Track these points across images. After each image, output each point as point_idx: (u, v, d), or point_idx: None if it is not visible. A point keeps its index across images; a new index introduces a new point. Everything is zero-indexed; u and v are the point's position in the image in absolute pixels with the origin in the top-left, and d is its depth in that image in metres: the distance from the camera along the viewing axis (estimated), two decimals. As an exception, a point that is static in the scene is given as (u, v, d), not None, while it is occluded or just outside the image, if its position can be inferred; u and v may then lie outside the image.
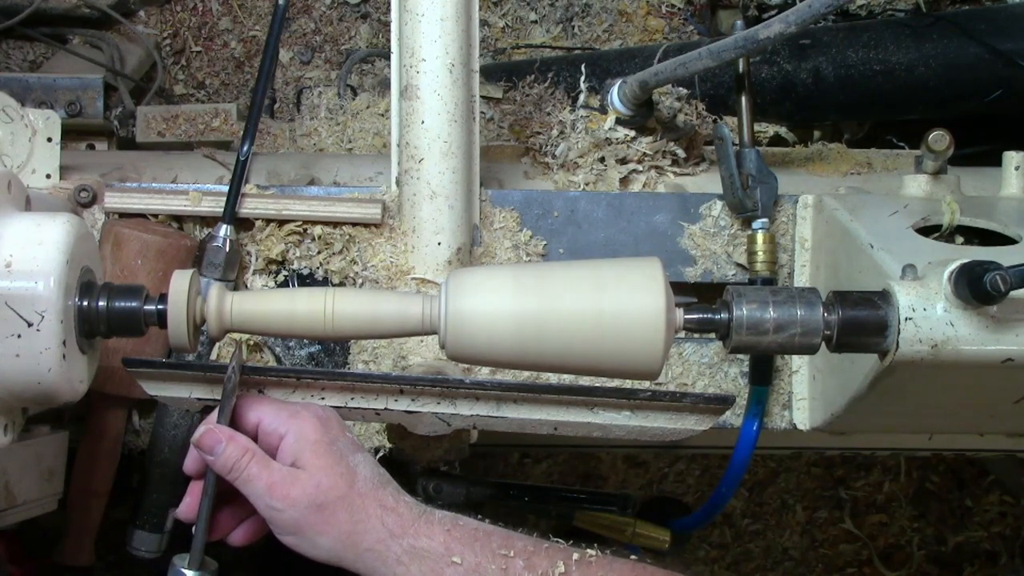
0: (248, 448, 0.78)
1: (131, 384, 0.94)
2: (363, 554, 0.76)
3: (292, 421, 0.79)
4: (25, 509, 1.07)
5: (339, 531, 0.76)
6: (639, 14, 1.89)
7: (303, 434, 0.79)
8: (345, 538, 0.76)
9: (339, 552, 0.76)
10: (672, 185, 1.18)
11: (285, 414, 0.80)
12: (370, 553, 0.76)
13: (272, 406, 0.81)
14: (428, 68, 1.00)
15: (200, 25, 1.88)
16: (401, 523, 0.76)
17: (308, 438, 0.78)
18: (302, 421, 0.79)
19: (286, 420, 0.80)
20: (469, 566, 0.75)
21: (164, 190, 1.13)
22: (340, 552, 0.76)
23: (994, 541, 2.08)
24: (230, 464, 0.77)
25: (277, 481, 0.77)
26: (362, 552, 0.76)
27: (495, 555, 0.75)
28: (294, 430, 0.79)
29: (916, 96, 1.39)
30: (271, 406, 0.81)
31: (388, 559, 0.76)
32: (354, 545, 0.76)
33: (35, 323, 0.73)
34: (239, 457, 0.77)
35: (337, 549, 0.76)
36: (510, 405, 0.94)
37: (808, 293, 0.81)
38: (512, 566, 0.75)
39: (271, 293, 0.82)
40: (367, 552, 0.76)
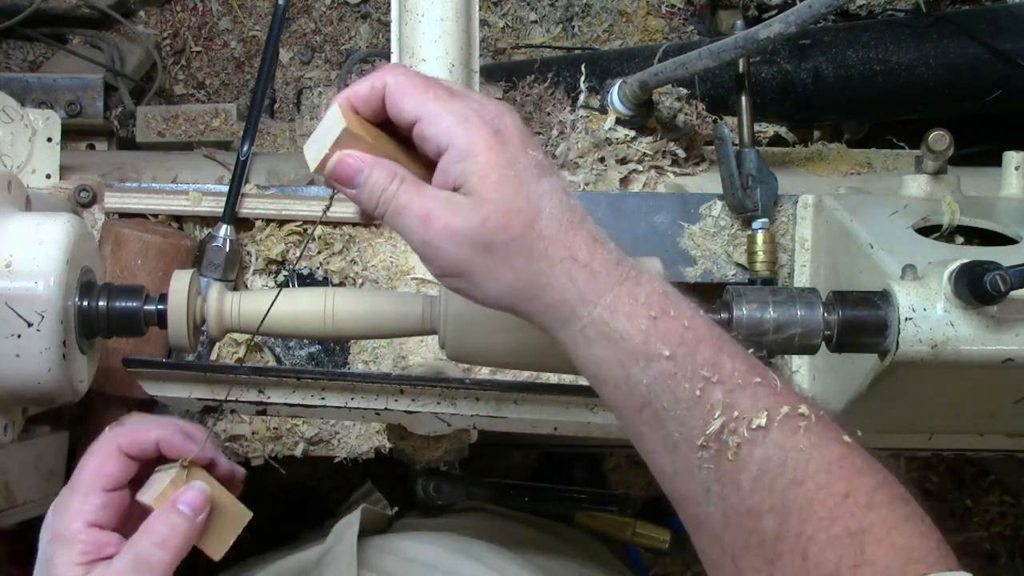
0: (396, 172, 0.61)
1: (131, 384, 0.94)
2: (542, 310, 0.60)
3: (458, 130, 0.59)
4: (25, 509, 1.07)
5: (513, 278, 0.60)
6: (639, 14, 1.89)
7: (471, 150, 0.59)
8: (521, 288, 0.60)
9: (512, 302, 0.61)
10: (672, 185, 1.18)
11: (450, 120, 0.60)
12: (550, 311, 0.60)
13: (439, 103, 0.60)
14: (428, 68, 1.00)
15: (200, 25, 1.88)
16: (596, 286, 0.58)
17: (477, 157, 0.59)
18: (471, 131, 0.59)
19: (449, 128, 0.60)
20: (660, 373, 0.57)
21: (164, 190, 1.13)
22: (513, 302, 0.61)
23: (994, 541, 2.08)
24: (377, 193, 0.61)
25: (434, 210, 0.59)
26: (541, 308, 0.60)
27: (695, 373, 0.57)
28: (459, 144, 0.59)
29: (916, 96, 1.39)
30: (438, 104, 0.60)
31: (570, 325, 0.60)
32: (532, 298, 0.60)
33: (35, 323, 0.73)
34: (387, 183, 0.61)
35: (509, 299, 0.61)
36: (510, 405, 0.94)
37: (808, 293, 0.81)
38: (709, 394, 0.57)
39: (271, 293, 0.82)
40: (547, 309, 0.60)
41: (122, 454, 0.71)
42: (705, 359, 0.57)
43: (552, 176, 0.61)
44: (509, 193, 0.59)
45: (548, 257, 0.59)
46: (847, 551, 0.53)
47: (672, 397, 0.57)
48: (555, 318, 0.60)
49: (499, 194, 0.59)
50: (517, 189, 0.59)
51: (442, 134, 0.60)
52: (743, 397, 0.57)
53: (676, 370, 0.57)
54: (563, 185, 0.62)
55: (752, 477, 0.56)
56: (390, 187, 0.61)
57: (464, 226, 0.59)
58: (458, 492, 1.26)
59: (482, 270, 0.60)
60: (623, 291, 0.59)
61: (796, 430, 0.56)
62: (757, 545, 0.55)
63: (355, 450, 1.17)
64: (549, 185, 0.60)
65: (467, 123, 0.60)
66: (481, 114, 0.61)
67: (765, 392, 0.57)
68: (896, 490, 0.56)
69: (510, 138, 0.61)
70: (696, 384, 0.57)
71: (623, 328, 0.58)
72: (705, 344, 0.58)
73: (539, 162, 0.61)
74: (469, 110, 0.60)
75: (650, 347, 0.58)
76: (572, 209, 0.61)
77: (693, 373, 0.57)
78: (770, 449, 0.56)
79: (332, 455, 1.18)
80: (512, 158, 0.60)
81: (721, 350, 0.58)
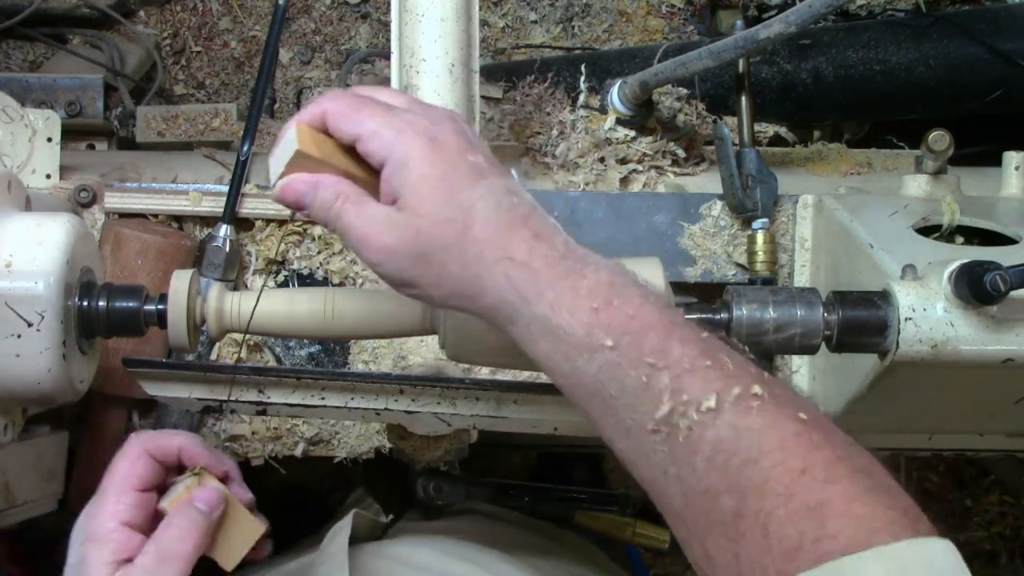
0: (340, 191, 0.64)
1: (131, 384, 0.94)
2: (488, 311, 0.62)
3: (393, 144, 0.62)
4: (25, 509, 1.07)
5: (453, 285, 0.62)
6: (639, 14, 1.89)
7: (405, 162, 0.61)
8: (463, 293, 0.62)
9: (461, 305, 0.63)
10: (672, 185, 1.18)
11: (386, 134, 0.62)
12: (495, 311, 0.61)
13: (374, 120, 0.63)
14: (428, 68, 1.00)
15: (200, 25, 1.88)
16: (535, 284, 0.59)
17: (411, 170, 0.61)
18: (405, 144, 0.62)
19: (385, 143, 0.62)
20: (606, 363, 0.58)
21: (164, 190, 1.13)
22: (462, 305, 0.63)
23: (994, 541, 2.08)
24: (323, 213, 0.64)
25: (371, 231, 0.62)
26: (486, 309, 0.62)
27: (640, 360, 0.57)
28: (394, 157, 0.62)
29: (916, 96, 1.39)
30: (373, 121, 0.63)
31: (516, 323, 0.61)
32: (476, 300, 0.61)
33: (35, 323, 0.73)
34: (332, 203, 0.63)
35: (456, 302, 0.63)
36: (510, 405, 0.94)
37: (808, 293, 0.81)
38: (656, 380, 0.57)
39: (271, 293, 0.82)
40: (492, 310, 0.61)
41: (149, 456, 0.75)
42: (652, 346, 0.58)
43: (492, 178, 0.62)
44: (440, 203, 0.61)
45: (483, 260, 0.60)
46: (807, 525, 0.53)
47: (619, 385, 0.58)
48: (501, 317, 0.61)
49: (430, 205, 0.61)
50: (449, 198, 0.61)
51: (379, 149, 0.63)
52: (692, 381, 0.57)
53: (621, 359, 0.58)
54: (506, 185, 0.63)
55: (706, 458, 0.56)
56: (334, 207, 0.64)
57: (398, 243, 0.62)
58: (458, 492, 1.26)
59: (424, 280, 0.62)
60: (566, 286, 0.59)
61: (748, 410, 0.56)
62: (719, 524, 0.56)
63: (355, 450, 1.17)
64: (486, 188, 0.62)
65: (402, 136, 0.62)
66: (415, 126, 0.63)
67: (716, 375, 0.57)
68: (858, 463, 0.55)
69: (446, 145, 0.62)
70: (642, 371, 0.57)
71: (565, 323, 0.59)
72: (652, 331, 0.58)
73: (476, 166, 0.62)
74: (404, 123, 0.63)
75: (593, 339, 0.58)
76: (514, 208, 0.61)
77: (638, 361, 0.57)
78: (722, 430, 0.56)
79: (332, 455, 1.18)
80: (447, 166, 0.62)
81: (670, 336, 0.58)
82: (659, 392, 0.57)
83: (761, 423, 0.56)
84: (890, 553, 0.51)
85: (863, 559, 0.51)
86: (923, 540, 0.52)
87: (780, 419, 0.56)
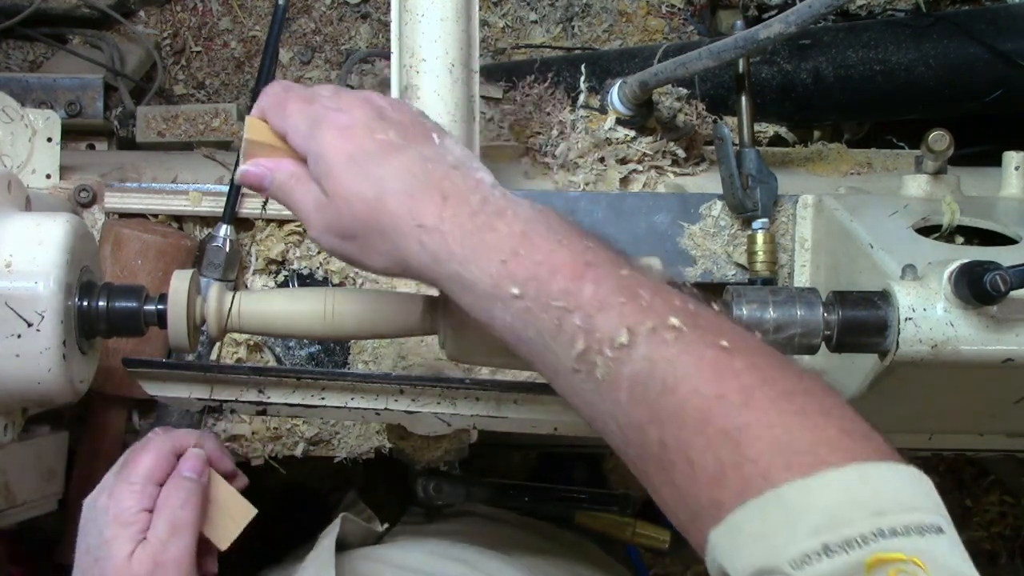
0: (293, 172, 0.68)
1: (131, 384, 0.95)
2: (418, 276, 0.65)
3: (310, 136, 0.66)
4: (25, 509, 1.07)
5: (381, 257, 0.65)
6: (639, 14, 1.89)
7: (320, 153, 0.66)
8: (393, 264, 0.65)
9: (398, 273, 0.67)
10: (672, 185, 1.18)
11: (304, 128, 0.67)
12: (421, 275, 0.65)
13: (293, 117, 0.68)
14: (428, 68, 1.00)
15: (200, 25, 1.88)
16: (446, 245, 0.62)
17: (325, 158, 0.65)
18: (319, 135, 0.66)
19: (304, 136, 0.67)
20: (518, 311, 0.60)
21: (164, 190, 1.13)
22: (399, 273, 0.67)
23: (994, 541, 2.08)
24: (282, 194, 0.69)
25: (310, 213, 0.67)
26: (415, 274, 0.65)
27: (549, 304, 0.59)
28: (312, 149, 0.66)
29: (916, 96, 1.39)
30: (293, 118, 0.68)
31: (440, 284, 0.64)
32: (405, 269, 0.65)
33: (35, 323, 0.73)
34: (286, 181, 0.68)
35: (392, 272, 0.67)
36: (510, 405, 0.94)
37: (808, 293, 0.81)
38: (566, 321, 0.58)
39: (271, 293, 0.82)
40: (418, 275, 0.65)
41: (172, 455, 0.83)
42: (560, 289, 0.59)
43: (405, 151, 0.65)
44: (351, 185, 0.64)
45: (399, 231, 0.63)
46: (725, 451, 0.53)
47: (535, 330, 0.60)
48: (428, 279, 0.65)
49: (343, 188, 0.64)
50: (359, 179, 0.64)
51: (300, 143, 0.67)
52: (603, 319, 0.57)
53: (531, 305, 0.59)
54: (420, 154, 0.65)
55: (627, 392, 0.57)
56: (285, 187, 0.68)
57: (328, 224, 0.66)
58: (458, 492, 1.26)
59: (358, 256, 0.66)
60: (475, 242, 0.61)
61: (663, 342, 0.56)
62: (652, 457, 0.56)
63: (355, 450, 1.17)
64: (397, 162, 0.64)
65: (317, 127, 0.66)
66: (328, 117, 0.66)
67: (630, 310, 0.57)
68: (783, 387, 0.54)
69: (353, 129, 0.65)
70: (553, 315, 0.59)
71: (474, 276, 0.61)
72: (560, 275, 0.59)
73: (386, 143, 0.65)
74: (319, 115, 0.67)
75: (501, 290, 0.60)
76: (427, 175, 0.64)
77: (548, 305, 0.59)
78: (638, 364, 0.56)
79: (332, 455, 1.18)
80: (355, 149, 0.65)
81: (581, 277, 0.59)
82: (573, 333, 0.58)
83: (676, 352, 0.56)
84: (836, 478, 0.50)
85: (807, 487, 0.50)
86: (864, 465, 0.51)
87: (698, 348, 0.56)
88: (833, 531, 0.48)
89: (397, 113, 0.68)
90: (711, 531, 0.52)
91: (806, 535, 0.48)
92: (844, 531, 0.48)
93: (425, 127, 0.68)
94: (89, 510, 0.82)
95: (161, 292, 0.79)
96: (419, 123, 0.68)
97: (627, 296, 0.58)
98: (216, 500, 0.85)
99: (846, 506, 0.49)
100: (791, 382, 0.55)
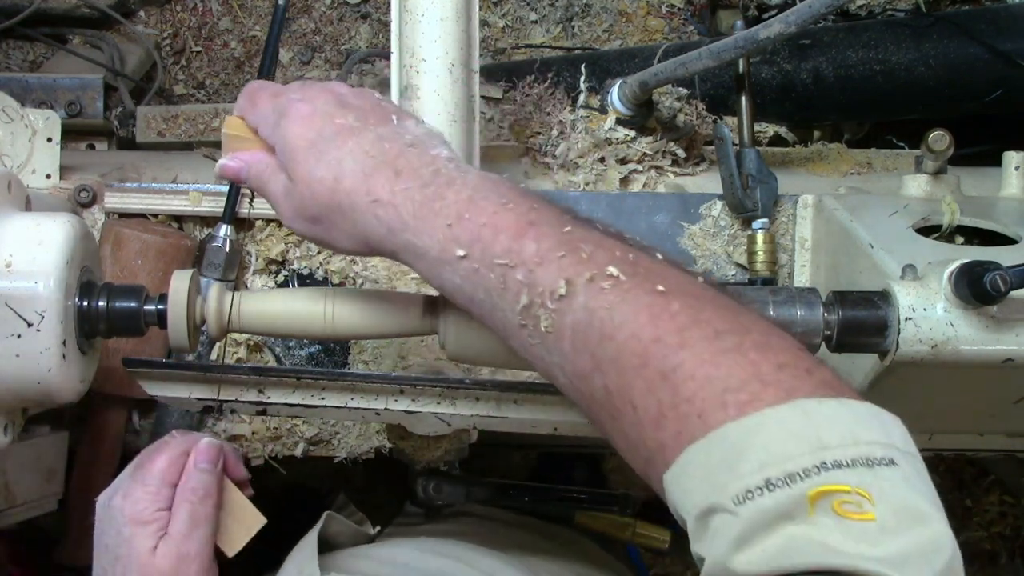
0: (269, 163, 0.72)
1: (131, 384, 0.95)
2: (379, 251, 0.68)
3: (277, 128, 0.70)
4: (25, 509, 1.07)
5: (345, 236, 0.68)
6: (639, 14, 1.89)
7: (285, 143, 0.69)
8: (356, 242, 0.68)
9: (360, 250, 0.69)
10: (672, 185, 1.18)
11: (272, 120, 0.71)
12: (383, 250, 0.67)
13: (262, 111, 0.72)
14: (428, 68, 1.00)
15: (200, 25, 1.88)
16: (398, 216, 0.64)
17: (289, 147, 0.69)
18: (284, 128, 0.69)
19: (272, 129, 0.71)
20: (465, 271, 0.62)
21: (164, 190, 1.13)
22: (361, 250, 0.69)
23: (994, 541, 2.08)
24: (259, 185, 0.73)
25: (280, 200, 0.71)
26: (377, 249, 0.68)
27: (493, 263, 0.61)
28: (277, 141, 0.70)
29: (916, 96, 1.39)
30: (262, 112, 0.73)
31: (399, 256, 0.66)
32: (367, 245, 0.68)
33: (35, 323, 0.73)
34: (261, 173, 0.72)
35: (358, 251, 0.69)
36: (510, 405, 0.94)
37: (808, 293, 0.81)
38: (510, 278, 0.60)
39: (271, 293, 0.82)
40: (378, 249, 0.68)
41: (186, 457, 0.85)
42: (503, 248, 0.61)
43: (361, 133, 0.67)
44: (311, 169, 0.67)
45: (356, 207, 0.66)
46: (664, 393, 0.53)
47: (483, 289, 0.62)
48: (388, 252, 0.67)
49: (305, 172, 0.67)
50: (318, 162, 0.67)
51: (269, 136, 0.71)
52: (544, 273, 0.59)
53: (477, 265, 0.62)
54: (378, 134, 0.67)
55: (570, 342, 0.58)
56: (261, 179, 0.72)
57: (296, 209, 0.69)
58: (458, 492, 1.26)
59: (325, 238, 0.69)
60: (425, 211, 0.64)
61: (601, 291, 0.57)
62: (601, 405, 0.58)
63: (355, 450, 1.17)
64: (354, 143, 0.67)
65: (282, 119, 0.69)
66: (292, 107, 0.69)
67: (569, 262, 0.59)
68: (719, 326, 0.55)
69: (314, 116, 0.69)
70: (497, 273, 0.61)
71: (424, 244, 0.64)
72: (504, 235, 0.61)
73: (345, 127, 0.68)
74: (284, 106, 0.70)
75: (447, 252, 0.63)
76: (382, 153, 0.66)
77: (492, 264, 0.61)
78: (578, 313, 0.58)
79: (332, 455, 1.18)
80: (316, 135, 0.68)
81: (524, 235, 0.61)
82: (516, 289, 0.60)
83: (613, 300, 0.57)
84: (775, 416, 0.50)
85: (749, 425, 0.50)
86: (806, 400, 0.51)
87: (635, 294, 0.57)
88: (775, 466, 0.48)
89: (358, 99, 0.71)
90: (664, 475, 0.53)
91: (749, 472, 0.48)
92: (787, 466, 0.48)
93: (386, 111, 0.71)
94: (103, 509, 0.83)
95: (161, 292, 0.79)
96: (379, 107, 0.71)
97: (567, 250, 0.60)
98: (227, 506, 0.85)
99: (789, 441, 0.49)
100: (729, 322, 0.55)
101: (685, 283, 0.58)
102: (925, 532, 0.47)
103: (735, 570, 0.47)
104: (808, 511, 0.47)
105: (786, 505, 0.47)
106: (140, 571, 0.79)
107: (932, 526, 0.48)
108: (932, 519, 0.48)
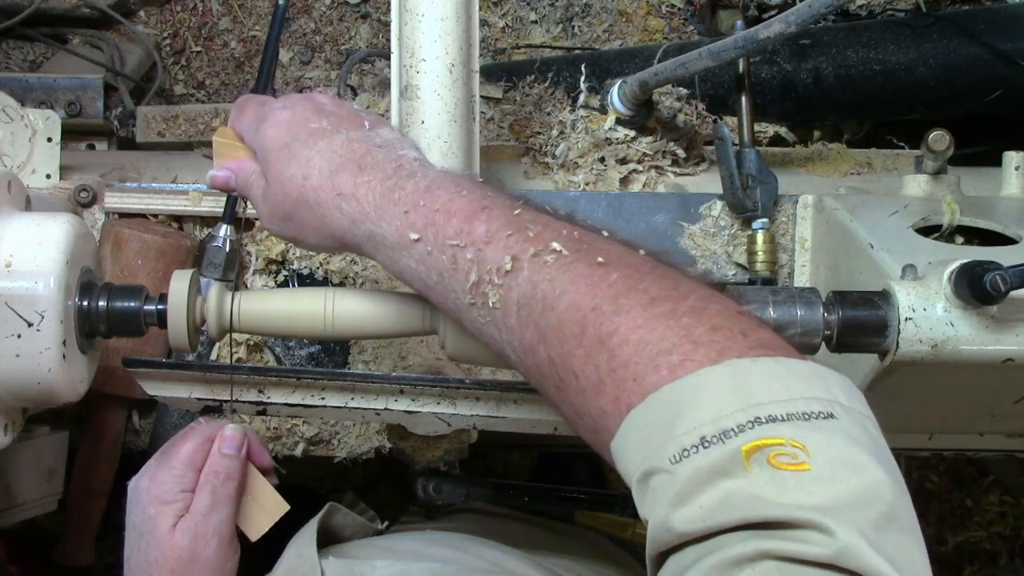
0: (254, 171, 0.77)
1: (131, 384, 0.95)
2: (345, 245, 0.71)
3: (257, 136, 0.75)
4: (25, 509, 1.07)
5: (313, 231, 0.71)
6: (639, 14, 1.89)
7: (264, 148, 0.74)
8: (323, 237, 0.71)
9: (329, 246, 0.73)
10: (672, 185, 1.18)
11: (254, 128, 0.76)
12: (347, 243, 0.71)
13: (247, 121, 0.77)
14: (428, 68, 1.00)
15: (200, 25, 1.88)
16: (360, 209, 0.68)
17: (264, 150, 0.74)
18: (263, 134, 0.74)
19: (254, 137, 0.76)
20: (420, 255, 0.65)
21: (164, 190, 1.13)
22: (329, 245, 0.72)
23: (994, 541, 2.08)
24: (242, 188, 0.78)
25: (259, 204, 0.75)
26: (342, 243, 0.71)
27: (444, 244, 0.64)
28: (257, 146, 0.75)
29: (916, 96, 1.39)
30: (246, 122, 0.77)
31: (362, 246, 0.70)
32: (333, 239, 0.71)
33: (35, 323, 0.73)
34: (247, 179, 0.77)
35: (326, 244, 0.72)
36: (510, 405, 0.94)
37: (808, 293, 0.81)
38: (460, 258, 0.63)
39: (271, 293, 0.82)
40: (345, 243, 0.71)
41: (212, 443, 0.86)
42: (455, 230, 0.64)
43: (332, 135, 0.72)
44: (283, 168, 0.71)
45: (321, 203, 0.69)
46: (602, 359, 0.54)
47: (436, 271, 0.65)
48: (352, 245, 0.70)
49: (277, 172, 0.72)
50: (289, 162, 0.71)
51: (251, 140, 0.76)
52: (491, 251, 0.62)
53: (431, 248, 0.64)
54: (348, 136, 0.72)
55: (516, 316, 0.60)
56: (246, 185, 0.76)
57: (271, 210, 0.73)
58: (458, 492, 1.26)
59: (297, 234, 0.73)
60: (385, 203, 0.67)
61: (544, 265, 0.60)
62: (547, 376, 0.59)
63: (355, 450, 1.17)
64: (324, 144, 0.71)
65: (262, 126, 0.74)
66: (272, 115, 0.74)
67: (516, 240, 0.61)
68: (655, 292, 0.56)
69: (291, 122, 0.73)
70: (448, 254, 0.64)
71: (383, 232, 0.67)
72: (455, 218, 0.64)
73: (317, 130, 0.72)
74: (265, 114, 0.75)
75: (403, 238, 0.66)
76: (350, 153, 0.70)
77: (443, 245, 0.64)
78: (523, 287, 0.60)
79: (332, 455, 1.18)
80: (290, 138, 0.72)
81: (474, 218, 0.63)
82: (466, 268, 0.63)
83: (555, 272, 0.59)
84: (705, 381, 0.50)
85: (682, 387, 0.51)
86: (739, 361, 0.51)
87: (575, 266, 0.59)
88: (710, 424, 0.49)
89: (335, 108, 0.75)
90: (611, 445, 0.54)
91: (684, 431, 0.49)
92: (720, 423, 0.49)
93: (360, 117, 0.75)
94: (133, 492, 0.86)
95: (161, 292, 0.79)
96: (354, 114, 0.75)
97: (515, 229, 0.62)
98: (251, 492, 0.87)
99: (722, 399, 0.50)
100: (667, 289, 0.56)
101: (627, 255, 0.60)
102: (862, 480, 0.48)
103: (675, 528, 0.48)
104: (744, 466, 0.48)
105: (721, 461, 0.48)
106: (160, 547, 0.82)
107: (870, 474, 0.48)
108: (870, 468, 0.48)
